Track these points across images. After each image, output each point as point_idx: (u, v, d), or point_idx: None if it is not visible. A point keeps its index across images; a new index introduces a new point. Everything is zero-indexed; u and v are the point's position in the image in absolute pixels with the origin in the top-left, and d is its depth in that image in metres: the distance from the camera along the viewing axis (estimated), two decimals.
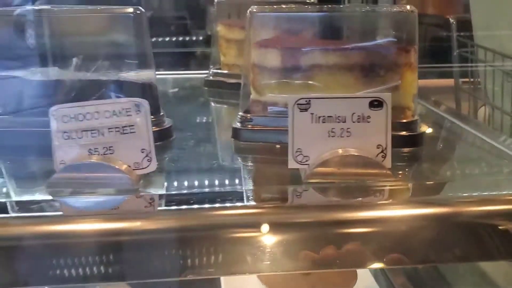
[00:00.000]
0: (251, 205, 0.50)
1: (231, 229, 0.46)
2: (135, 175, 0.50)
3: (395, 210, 0.47)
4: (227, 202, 0.49)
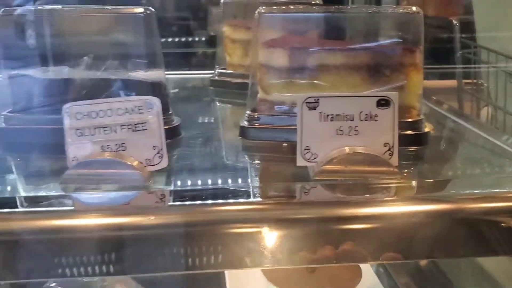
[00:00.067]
0: (259, 201, 0.51)
1: (240, 224, 0.47)
2: (147, 172, 0.51)
3: (401, 207, 0.48)
4: (235, 198, 0.50)
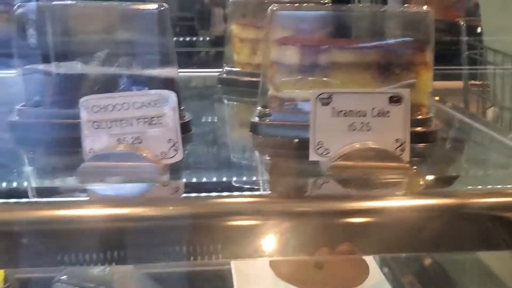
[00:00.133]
0: (270, 195, 0.52)
1: (252, 216, 0.48)
2: (162, 164, 0.52)
3: (414, 201, 0.49)
4: (247, 192, 0.52)
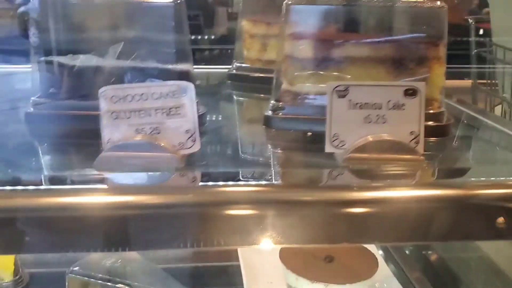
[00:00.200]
0: (285, 184, 0.52)
1: (266, 204, 0.48)
2: (180, 155, 0.53)
3: (430, 191, 0.50)
4: (261, 181, 0.52)
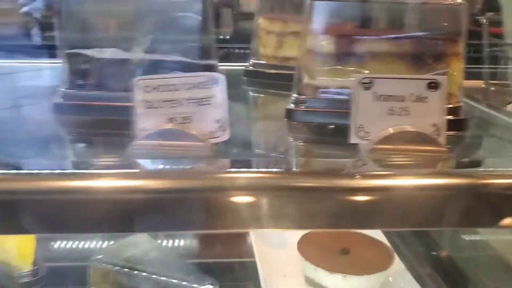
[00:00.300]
0: (312, 172, 0.55)
1: (290, 191, 0.50)
2: (210, 143, 0.54)
3: (455, 180, 0.52)
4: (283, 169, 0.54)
